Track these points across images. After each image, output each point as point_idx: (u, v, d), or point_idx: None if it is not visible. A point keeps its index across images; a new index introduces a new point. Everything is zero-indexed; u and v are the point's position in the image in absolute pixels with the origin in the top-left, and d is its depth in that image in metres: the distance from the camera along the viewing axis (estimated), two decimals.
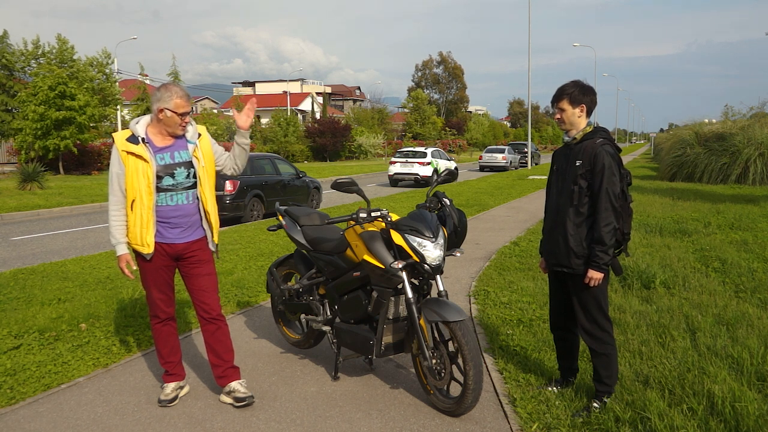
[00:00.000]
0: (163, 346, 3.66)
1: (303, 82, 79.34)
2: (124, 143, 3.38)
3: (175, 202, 3.45)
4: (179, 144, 3.48)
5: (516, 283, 6.27)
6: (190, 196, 3.49)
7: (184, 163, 3.46)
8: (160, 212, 3.42)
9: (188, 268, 3.57)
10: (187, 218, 3.49)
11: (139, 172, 3.35)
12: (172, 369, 3.69)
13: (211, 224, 3.57)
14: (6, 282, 6.54)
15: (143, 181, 3.35)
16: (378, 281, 3.55)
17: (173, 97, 3.37)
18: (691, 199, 14.09)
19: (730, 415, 3.16)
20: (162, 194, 3.41)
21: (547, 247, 3.52)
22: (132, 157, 3.36)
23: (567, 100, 3.34)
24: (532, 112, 62.84)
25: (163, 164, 3.41)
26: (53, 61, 26.66)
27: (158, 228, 3.44)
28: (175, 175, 3.42)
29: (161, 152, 3.42)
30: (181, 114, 3.38)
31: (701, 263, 7.07)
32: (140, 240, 3.41)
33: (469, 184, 21.37)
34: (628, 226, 3.31)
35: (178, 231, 3.48)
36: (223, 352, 3.66)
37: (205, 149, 3.56)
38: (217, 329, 3.64)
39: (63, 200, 15.15)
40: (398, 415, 3.46)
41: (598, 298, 3.31)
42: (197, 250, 3.55)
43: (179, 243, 3.49)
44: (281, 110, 46.55)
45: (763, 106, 24.99)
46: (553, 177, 3.53)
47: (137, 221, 3.39)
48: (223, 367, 3.66)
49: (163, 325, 3.64)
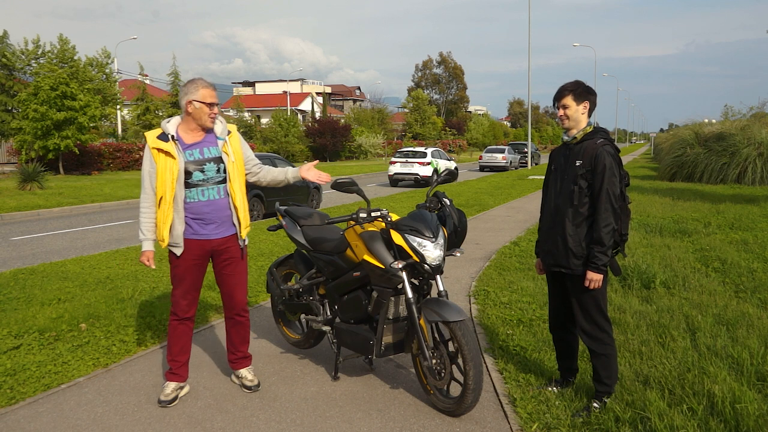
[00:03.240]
0: (175, 343, 3.70)
1: (303, 82, 79.31)
2: (155, 141, 3.47)
3: (207, 197, 3.53)
4: (209, 140, 3.57)
5: (516, 283, 6.27)
6: (222, 191, 3.57)
7: (214, 159, 3.55)
8: (193, 208, 3.51)
9: (222, 264, 3.68)
10: (220, 213, 3.57)
11: (167, 168, 3.45)
12: (177, 368, 3.70)
13: (240, 220, 3.65)
14: (6, 282, 6.54)
15: (169, 177, 3.44)
16: (378, 281, 3.55)
17: (199, 88, 3.47)
18: (691, 199, 14.09)
19: (730, 415, 3.16)
20: (193, 189, 3.50)
21: (544, 247, 3.50)
22: (162, 154, 3.45)
23: (571, 97, 3.33)
24: (532, 112, 62.90)
25: (193, 160, 3.49)
26: (54, 60, 26.67)
27: (192, 225, 3.53)
28: (204, 170, 3.51)
29: (190, 148, 3.51)
30: (209, 104, 3.48)
31: (701, 263, 7.07)
32: (159, 234, 3.51)
33: (469, 184, 21.37)
34: (626, 227, 3.31)
35: (213, 227, 3.57)
36: (239, 343, 3.87)
37: (234, 146, 3.65)
38: (240, 323, 3.85)
39: (63, 200, 15.15)
40: (398, 415, 3.46)
41: (597, 298, 3.31)
42: (231, 246, 3.65)
43: (215, 239, 3.58)
44: (281, 110, 46.56)
45: (763, 106, 25.05)
46: (551, 177, 3.51)
47: (161, 216, 3.49)
48: (237, 355, 3.89)
49: (179, 323, 3.68)
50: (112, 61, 30.76)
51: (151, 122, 33.77)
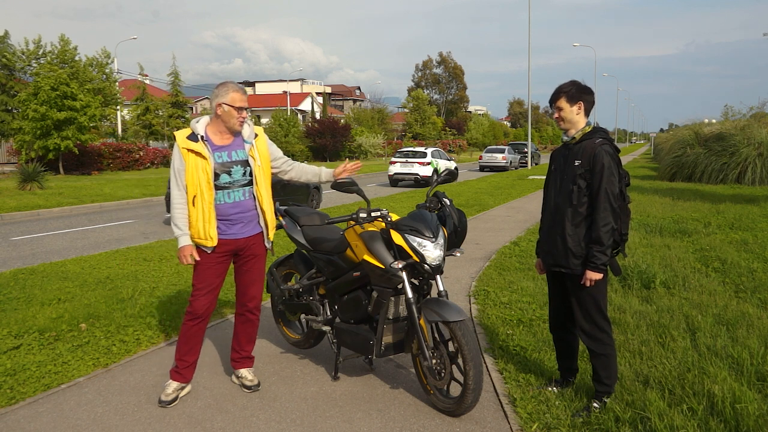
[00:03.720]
0: (185, 343, 3.71)
1: (303, 82, 79.29)
2: (185, 141, 3.51)
3: (233, 199, 3.58)
4: (236, 143, 3.61)
5: (516, 283, 6.27)
6: (247, 192, 3.62)
7: (241, 162, 3.59)
8: (219, 209, 3.55)
9: (243, 261, 3.74)
10: (246, 213, 3.62)
11: (199, 168, 3.47)
12: (183, 368, 3.71)
13: (267, 222, 3.71)
14: (6, 282, 6.54)
15: (203, 177, 3.47)
16: (378, 281, 3.55)
17: (230, 92, 3.51)
18: (691, 199, 14.10)
19: (730, 415, 3.16)
20: (219, 192, 3.54)
21: (545, 247, 3.51)
22: (192, 154, 3.49)
23: (564, 99, 3.35)
24: (532, 112, 62.87)
25: (221, 162, 3.53)
26: (54, 61, 26.66)
27: (219, 225, 3.57)
28: (231, 173, 3.56)
29: (219, 150, 3.55)
30: (237, 108, 3.51)
31: (701, 263, 7.07)
32: (204, 234, 3.52)
33: (469, 184, 21.37)
34: (626, 226, 3.32)
35: (239, 227, 3.62)
36: (245, 342, 3.91)
37: (261, 149, 3.69)
38: (250, 321, 3.88)
39: (63, 200, 15.14)
40: (398, 415, 3.46)
41: (597, 298, 3.31)
42: (254, 245, 3.72)
43: (241, 238, 3.64)
44: (281, 110, 46.56)
45: (763, 106, 25.02)
46: (551, 177, 3.53)
47: (199, 216, 3.50)
48: (241, 354, 3.92)
49: (193, 323, 3.68)
50: (112, 61, 30.76)
51: (151, 122, 33.76)
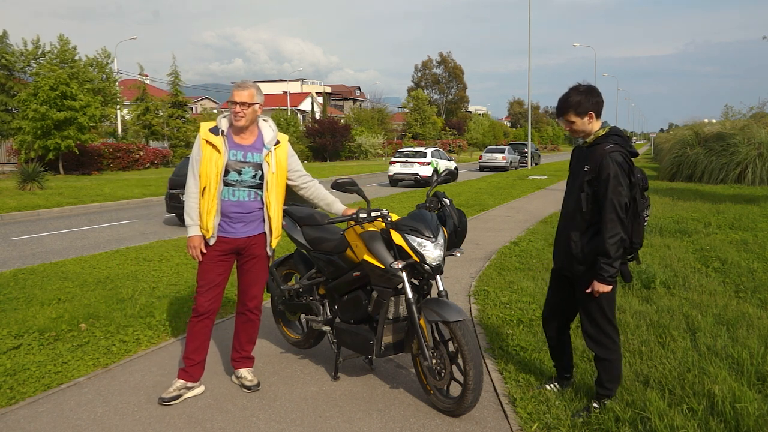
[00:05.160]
0: (192, 341, 3.72)
1: (303, 82, 79.31)
2: (207, 133, 3.58)
3: (237, 198, 3.61)
4: (255, 146, 3.65)
5: (516, 283, 6.27)
6: (253, 194, 3.64)
7: (254, 164, 3.62)
8: (222, 206, 3.59)
9: (244, 260, 3.77)
10: (247, 214, 3.64)
11: (213, 161, 3.53)
12: (189, 367, 3.71)
13: (271, 229, 3.72)
14: (6, 282, 6.55)
15: (213, 170, 3.53)
16: (378, 281, 3.55)
17: (233, 89, 3.59)
18: (691, 199, 14.09)
19: (730, 415, 3.16)
20: (225, 188, 3.58)
21: (556, 248, 3.50)
22: (209, 146, 3.55)
23: (573, 113, 3.22)
24: (532, 112, 62.88)
25: (234, 160, 3.58)
26: (54, 61, 26.65)
27: (221, 222, 3.60)
28: (241, 172, 3.59)
29: (236, 149, 3.60)
30: (233, 102, 3.56)
31: (701, 263, 7.07)
32: (204, 224, 3.57)
33: (469, 184, 21.37)
34: (638, 234, 3.19)
35: (240, 225, 3.65)
36: (246, 342, 3.92)
37: (280, 158, 3.72)
38: (251, 321, 3.89)
39: (63, 200, 15.14)
40: (398, 415, 3.46)
41: (602, 305, 3.25)
42: (255, 245, 3.72)
43: (242, 237, 3.66)
44: (281, 110, 46.57)
45: (763, 106, 25.04)
46: (569, 176, 3.46)
47: (204, 206, 3.56)
48: (241, 354, 3.94)
49: (199, 320, 3.70)
50: (112, 61, 30.75)
51: (151, 122, 33.74)
